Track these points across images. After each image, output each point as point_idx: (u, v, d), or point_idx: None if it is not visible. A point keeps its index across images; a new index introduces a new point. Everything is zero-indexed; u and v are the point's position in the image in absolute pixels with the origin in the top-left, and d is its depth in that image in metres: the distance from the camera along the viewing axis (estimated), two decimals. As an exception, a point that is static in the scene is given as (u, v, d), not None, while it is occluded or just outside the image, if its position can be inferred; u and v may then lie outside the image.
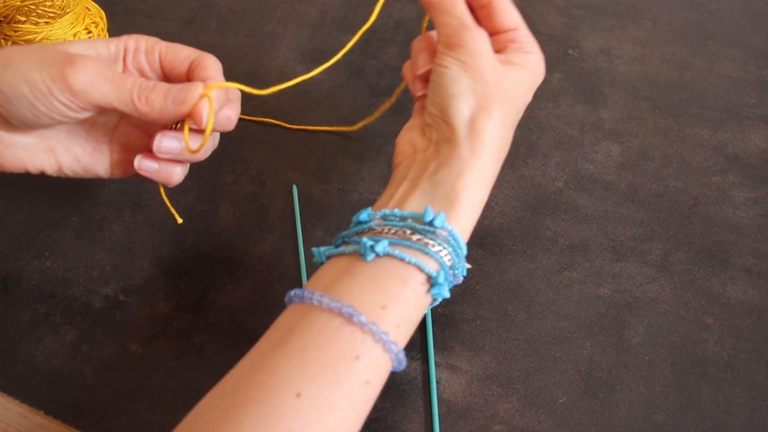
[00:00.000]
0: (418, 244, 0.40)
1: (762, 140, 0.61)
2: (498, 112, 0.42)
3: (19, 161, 0.45)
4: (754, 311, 0.51)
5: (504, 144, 0.44)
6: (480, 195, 0.43)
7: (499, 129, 0.43)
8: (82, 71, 0.41)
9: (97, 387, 0.48)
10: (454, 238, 0.40)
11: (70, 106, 0.42)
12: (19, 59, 0.41)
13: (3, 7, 0.58)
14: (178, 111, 0.43)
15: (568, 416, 0.47)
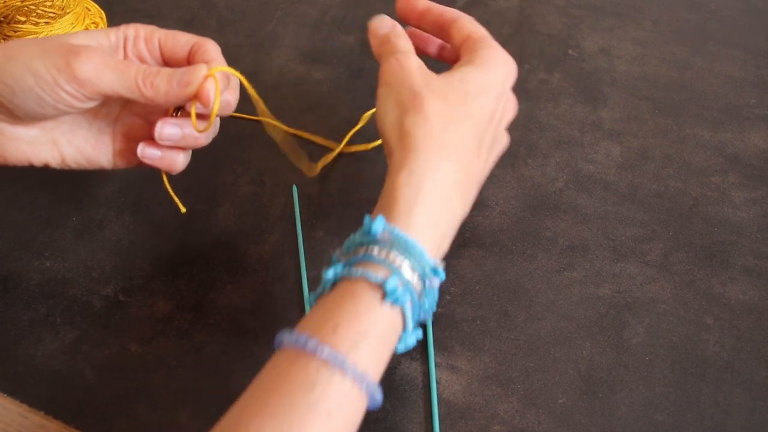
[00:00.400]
0: (364, 255, 0.38)
1: (762, 140, 0.61)
2: (428, 107, 0.42)
3: (22, 154, 0.45)
4: (754, 311, 0.51)
5: (455, 139, 0.42)
6: (427, 190, 0.41)
7: (434, 123, 0.42)
8: (87, 61, 0.41)
9: (97, 387, 0.48)
10: (399, 237, 0.39)
11: (76, 96, 0.42)
12: (21, 51, 0.42)
13: (3, 7, 0.58)
14: (183, 93, 0.44)
15: (568, 416, 0.47)
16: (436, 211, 0.41)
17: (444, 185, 0.41)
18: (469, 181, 0.44)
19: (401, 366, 0.49)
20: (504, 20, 0.71)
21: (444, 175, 0.41)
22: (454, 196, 0.42)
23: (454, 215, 0.42)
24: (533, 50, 0.68)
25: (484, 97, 0.44)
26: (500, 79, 0.45)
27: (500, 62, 0.46)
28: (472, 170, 0.44)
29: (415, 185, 0.40)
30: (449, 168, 0.42)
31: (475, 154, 0.44)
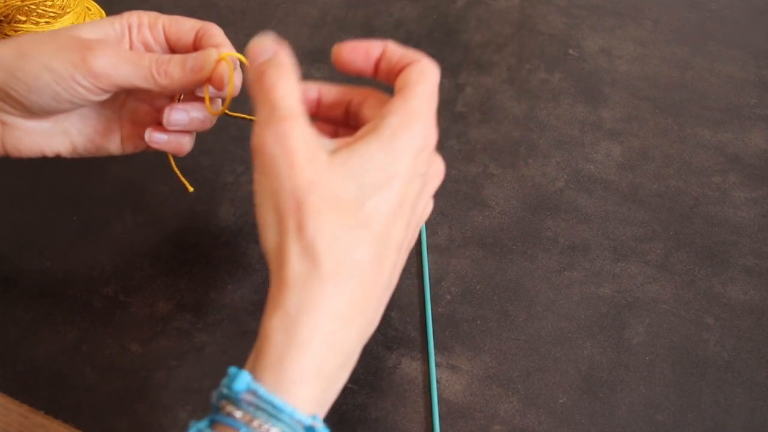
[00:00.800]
0: (227, 417, 0.33)
1: (762, 140, 0.61)
2: (311, 228, 0.33)
3: (37, 146, 0.46)
4: (755, 311, 0.51)
5: (347, 261, 0.34)
6: (304, 335, 0.33)
7: (320, 248, 0.33)
8: (102, 55, 0.42)
9: (97, 387, 0.48)
10: (265, 399, 0.32)
11: (92, 90, 0.43)
12: (34, 48, 0.42)
13: (3, 6, 0.58)
14: (197, 78, 0.44)
15: (568, 416, 0.47)
16: (318, 358, 0.33)
17: (329, 324, 0.34)
18: (368, 301, 0.36)
19: (401, 366, 0.49)
20: (504, 20, 0.71)
21: (329, 311, 0.34)
22: (343, 333, 0.35)
23: (343, 355, 0.35)
24: (534, 50, 0.68)
25: (385, 193, 0.35)
26: (409, 159, 0.36)
27: (411, 134, 0.36)
28: (371, 289, 0.35)
29: (290, 331, 0.33)
30: (336, 300, 0.34)
31: (375, 268, 0.35)
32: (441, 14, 0.72)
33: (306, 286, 0.34)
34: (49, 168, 0.49)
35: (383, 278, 0.36)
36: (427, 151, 0.37)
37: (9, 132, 0.45)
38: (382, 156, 0.35)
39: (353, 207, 0.34)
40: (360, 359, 0.49)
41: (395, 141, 0.35)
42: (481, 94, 0.65)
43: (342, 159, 0.35)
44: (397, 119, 0.36)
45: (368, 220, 0.35)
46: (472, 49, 0.68)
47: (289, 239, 0.34)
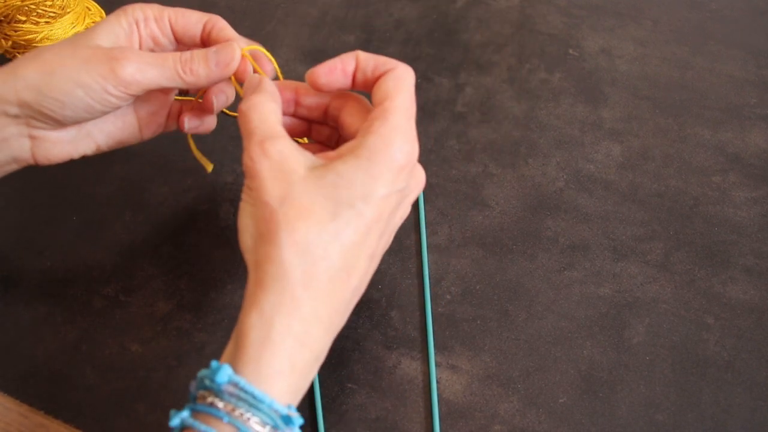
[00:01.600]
0: (209, 407, 0.35)
1: (762, 140, 0.61)
2: (282, 236, 0.37)
3: (66, 153, 0.47)
4: (755, 311, 0.51)
5: (316, 269, 0.37)
6: (279, 334, 0.36)
7: (290, 256, 0.37)
8: (128, 64, 0.43)
9: (97, 387, 0.48)
10: (245, 390, 0.35)
11: (122, 97, 0.44)
12: (60, 64, 0.43)
13: (3, 6, 0.58)
14: (223, 73, 0.46)
15: (568, 416, 0.47)
16: (291, 354, 0.36)
17: (301, 324, 0.37)
18: (338, 304, 0.38)
19: (401, 365, 0.49)
20: (505, 20, 0.71)
21: (301, 313, 0.37)
22: (314, 332, 0.37)
23: (314, 352, 0.38)
24: (534, 50, 0.68)
25: (360, 207, 0.38)
26: (388, 178, 0.38)
27: (391, 155, 0.38)
28: (340, 293, 0.38)
29: (266, 328, 0.36)
30: (307, 303, 0.37)
31: (344, 275, 0.38)
32: (441, 14, 0.72)
33: (279, 289, 0.37)
34: (49, 168, 0.49)
35: (352, 284, 0.39)
36: (409, 167, 0.40)
37: (39, 144, 0.46)
38: (360, 175, 0.38)
39: (325, 220, 0.37)
40: (360, 359, 0.50)
41: (374, 162, 0.38)
42: (481, 94, 0.65)
43: (318, 174, 0.38)
44: (377, 140, 0.38)
45: (340, 232, 0.37)
46: (472, 49, 0.68)
47: (263, 242, 0.38)
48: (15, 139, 0.45)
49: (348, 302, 0.39)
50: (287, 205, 0.37)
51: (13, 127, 0.45)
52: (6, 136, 0.45)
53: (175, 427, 0.36)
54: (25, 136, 0.46)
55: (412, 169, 0.41)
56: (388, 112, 0.39)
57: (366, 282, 0.41)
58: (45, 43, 0.62)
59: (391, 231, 0.42)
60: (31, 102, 0.43)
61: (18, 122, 0.45)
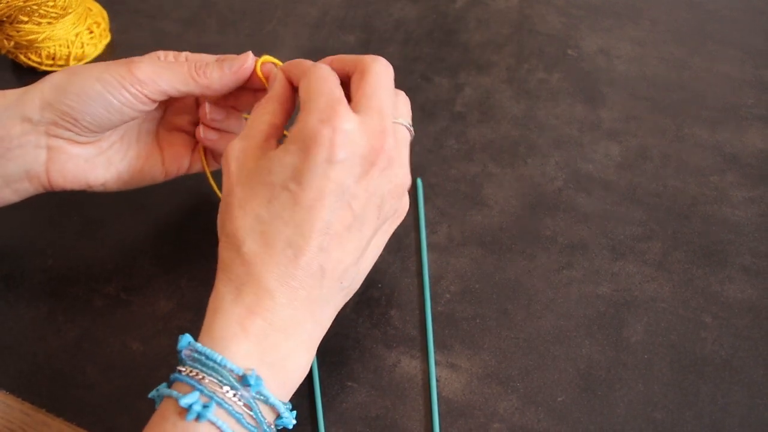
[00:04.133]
0: (176, 375, 0.39)
1: (760, 140, 0.61)
2: (226, 223, 0.41)
3: (81, 172, 0.49)
4: (752, 310, 0.51)
5: (259, 242, 0.40)
6: (230, 303, 0.40)
7: (243, 233, 0.40)
8: (144, 66, 0.46)
9: (98, 385, 0.48)
10: (201, 352, 0.38)
11: (140, 97, 0.46)
12: (84, 69, 0.46)
13: (5, 7, 0.58)
14: (236, 77, 0.48)
15: (567, 414, 0.47)
16: (241, 320, 0.39)
17: (250, 297, 0.40)
18: (290, 284, 0.40)
19: (401, 364, 0.49)
20: (503, 20, 0.71)
21: (250, 287, 0.40)
22: (265, 302, 0.40)
23: (267, 320, 0.40)
24: (532, 50, 0.69)
25: (293, 188, 0.40)
26: (321, 156, 0.40)
27: (313, 135, 0.40)
28: (291, 271, 0.40)
29: (217, 300, 0.41)
30: (253, 276, 0.40)
31: (290, 256, 0.40)
32: (440, 14, 0.72)
33: (228, 265, 0.41)
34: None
35: (306, 259, 0.40)
36: (345, 145, 0.40)
37: (55, 157, 0.47)
38: (290, 159, 0.40)
39: (264, 200, 0.40)
40: (360, 357, 0.50)
41: (300, 142, 0.40)
42: (480, 93, 0.65)
43: (259, 164, 0.41)
44: (299, 126, 0.41)
45: (277, 211, 0.40)
46: (471, 49, 0.69)
47: (219, 233, 0.43)
48: (32, 148, 0.46)
49: (309, 273, 0.40)
50: (231, 196, 0.42)
51: (31, 136, 0.46)
52: (23, 143, 0.46)
53: (153, 398, 0.40)
54: (43, 146, 0.47)
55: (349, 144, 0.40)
56: (307, 114, 0.41)
57: (335, 260, 0.41)
58: (47, 43, 0.62)
59: (371, 212, 0.42)
60: (53, 100, 0.45)
61: (38, 131, 0.46)
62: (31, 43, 0.62)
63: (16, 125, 0.46)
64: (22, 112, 0.45)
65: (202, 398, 0.37)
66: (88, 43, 0.65)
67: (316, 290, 0.41)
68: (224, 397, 0.37)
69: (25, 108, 0.45)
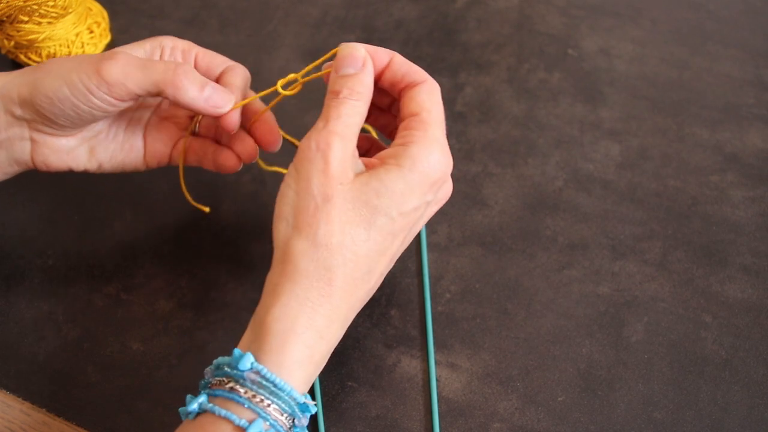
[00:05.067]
0: (230, 392, 0.37)
1: (760, 140, 0.61)
2: (320, 235, 0.38)
3: (63, 163, 0.48)
4: (752, 310, 0.51)
5: (343, 271, 0.39)
6: (302, 328, 0.38)
7: (322, 254, 0.38)
8: (114, 64, 0.43)
9: (98, 385, 0.48)
10: (267, 378, 0.37)
11: (107, 101, 0.44)
12: (59, 66, 0.44)
13: (6, 7, 0.58)
14: (206, 110, 0.45)
15: (567, 414, 0.47)
16: (311, 345, 0.38)
17: (323, 319, 0.39)
18: (353, 306, 0.41)
19: (401, 364, 0.49)
20: (504, 20, 0.71)
21: (325, 309, 0.39)
22: (333, 327, 0.40)
23: (330, 345, 0.40)
24: (533, 50, 0.69)
25: (394, 216, 0.40)
26: (423, 190, 0.40)
27: (431, 167, 0.40)
28: (358, 296, 0.40)
29: (289, 321, 0.38)
30: (332, 301, 0.39)
31: (366, 280, 0.40)
32: (441, 14, 0.72)
33: (307, 284, 0.39)
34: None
35: (371, 284, 0.41)
36: (441, 183, 0.42)
37: (38, 149, 0.47)
38: (401, 185, 0.39)
39: (362, 226, 0.39)
40: (360, 357, 0.50)
41: (415, 173, 0.40)
42: (480, 93, 0.65)
43: (363, 181, 0.39)
44: (419, 150, 0.40)
45: (372, 239, 0.40)
46: (472, 48, 0.69)
47: (299, 236, 0.39)
48: (17, 141, 0.46)
49: (363, 300, 0.42)
50: (330, 204, 0.39)
51: (16, 128, 0.46)
52: (9, 135, 0.46)
53: (192, 411, 0.38)
54: (27, 139, 0.47)
55: (439, 188, 0.42)
56: (427, 124, 0.41)
57: (380, 282, 0.43)
58: (47, 43, 0.62)
59: (411, 236, 0.43)
60: (27, 98, 0.44)
61: (21, 124, 0.46)
62: (31, 42, 0.62)
63: (1, 117, 0.45)
64: (5, 105, 0.45)
65: (264, 425, 0.36)
66: (89, 43, 0.65)
67: (359, 307, 0.42)
68: (282, 424, 0.37)
69: (7, 102, 0.45)
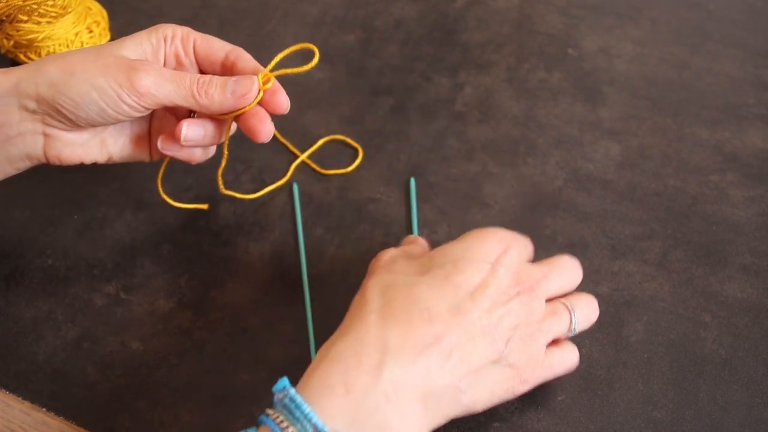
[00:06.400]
0: (264, 416, 0.38)
1: (760, 139, 0.61)
2: (376, 276, 0.43)
3: (76, 156, 0.49)
4: (752, 309, 0.51)
5: (383, 302, 0.41)
6: (333, 354, 0.39)
7: (375, 290, 0.42)
8: (146, 76, 0.45)
9: (98, 384, 0.48)
10: (292, 399, 0.37)
11: (136, 107, 0.45)
12: (83, 68, 0.45)
13: (5, 6, 0.58)
14: (237, 104, 0.47)
15: (567, 414, 0.47)
16: (345, 371, 0.38)
17: (362, 344, 0.39)
18: (413, 344, 0.39)
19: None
20: (504, 19, 0.72)
21: (368, 335, 0.39)
22: (378, 356, 0.38)
23: (377, 380, 0.38)
24: (533, 49, 0.69)
25: (447, 267, 0.42)
26: (477, 249, 0.44)
27: (484, 236, 0.45)
28: (414, 332, 0.40)
29: (327, 347, 0.40)
30: (374, 328, 0.39)
31: (421, 316, 0.40)
32: (440, 14, 0.72)
33: (350, 316, 0.42)
34: (50, 167, 0.49)
35: (434, 328, 0.41)
36: (501, 250, 0.44)
37: (51, 143, 0.47)
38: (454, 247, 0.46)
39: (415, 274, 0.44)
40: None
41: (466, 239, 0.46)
42: (480, 93, 0.65)
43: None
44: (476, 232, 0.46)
45: (422, 281, 0.43)
46: (472, 48, 0.69)
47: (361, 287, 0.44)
48: (30, 135, 0.47)
49: (428, 345, 0.39)
50: (392, 263, 0.45)
51: (29, 123, 0.46)
52: (22, 131, 0.46)
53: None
54: (40, 133, 0.47)
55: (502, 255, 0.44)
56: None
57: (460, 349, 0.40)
58: (47, 42, 0.62)
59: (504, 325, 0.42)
60: (48, 98, 0.45)
61: (34, 119, 0.46)
62: (30, 42, 0.62)
63: (15, 112, 0.46)
64: (19, 101, 0.45)
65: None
66: (88, 43, 0.65)
67: (436, 375, 0.40)
68: None
69: (21, 97, 0.45)
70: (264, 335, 0.50)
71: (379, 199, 0.58)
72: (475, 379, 0.41)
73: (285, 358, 0.49)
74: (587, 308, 0.46)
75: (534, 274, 0.44)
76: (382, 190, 0.58)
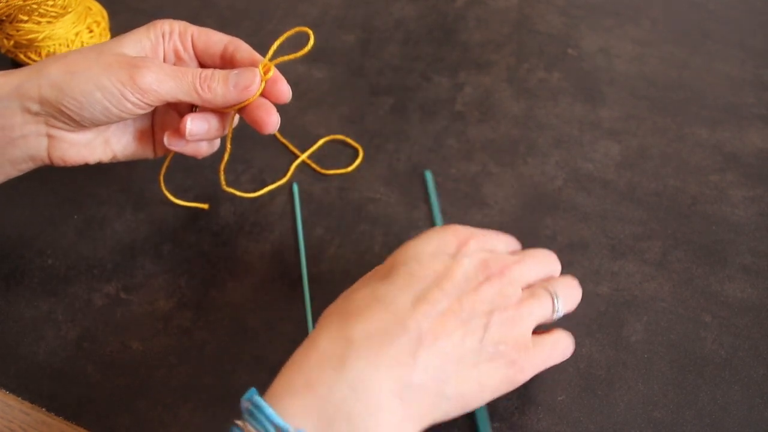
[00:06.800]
0: (233, 426, 0.37)
1: (760, 139, 0.61)
2: (353, 288, 0.43)
3: (81, 156, 0.49)
4: (752, 309, 0.51)
5: (353, 301, 0.41)
6: (303, 353, 0.39)
7: (341, 297, 0.42)
8: (148, 72, 0.45)
9: (98, 384, 0.48)
10: (254, 404, 0.36)
11: (139, 105, 0.46)
12: (84, 66, 0.45)
13: (5, 6, 0.58)
14: (240, 96, 0.47)
15: (567, 414, 0.47)
16: (309, 369, 0.37)
17: (327, 342, 0.38)
18: (377, 337, 0.38)
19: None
20: (503, 19, 0.72)
21: (329, 332, 0.39)
22: (341, 351, 0.38)
23: (342, 375, 0.37)
24: (532, 49, 0.69)
25: (411, 264, 0.42)
26: (434, 241, 0.44)
27: (447, 232, 0.44)
28: (376, 325, 0.39)
29: (291, 357, 0.39)
30: (335, 324, 0.39)
31: (379, 308, 0.39)
32: (440, 14, 0.72)
33: (317, 324, 0.41)
34: (50, 167, 0.49)
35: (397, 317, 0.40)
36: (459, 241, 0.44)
37: (56, 144, 0.48)
38: (412, 244, 0.44)
39: (381, 277, 0.43)
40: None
41: (424, 235, 0.45)
42: (480, 93, 0.65)
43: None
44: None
45: (385, 280, 0.42)
46: (471, 48, 0.69)
47: None
48: (33, 137, 0.47)
49: (395, 336, 0.38)
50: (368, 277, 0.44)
51: (32, 125, 0.46)
52: (25, 133, 0.46)
53: None
54: (43, 135, 0.47)
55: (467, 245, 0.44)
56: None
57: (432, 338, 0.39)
58: (47, 42, 0.62)
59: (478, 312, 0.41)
60: (51, 99, 0.45)
61: (38, 120, 0.46)
62: (30, 42, 0.62)
63: (17, 115, 0.46)
64: (22, 103, 0.45)
65: None
66: (88, 42, 0.65)
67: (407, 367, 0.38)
68: None
69: (24, 100, 0.45)
70: (264, 335, 0.50)
71: (379, 199, 0.58)
72: (457, 370, 0.39)
73: (285, 358, 0.49)
74: (569, 289, 0.45)
75: (504, 260, 0.43)
76: (382, 190, 0.58)
